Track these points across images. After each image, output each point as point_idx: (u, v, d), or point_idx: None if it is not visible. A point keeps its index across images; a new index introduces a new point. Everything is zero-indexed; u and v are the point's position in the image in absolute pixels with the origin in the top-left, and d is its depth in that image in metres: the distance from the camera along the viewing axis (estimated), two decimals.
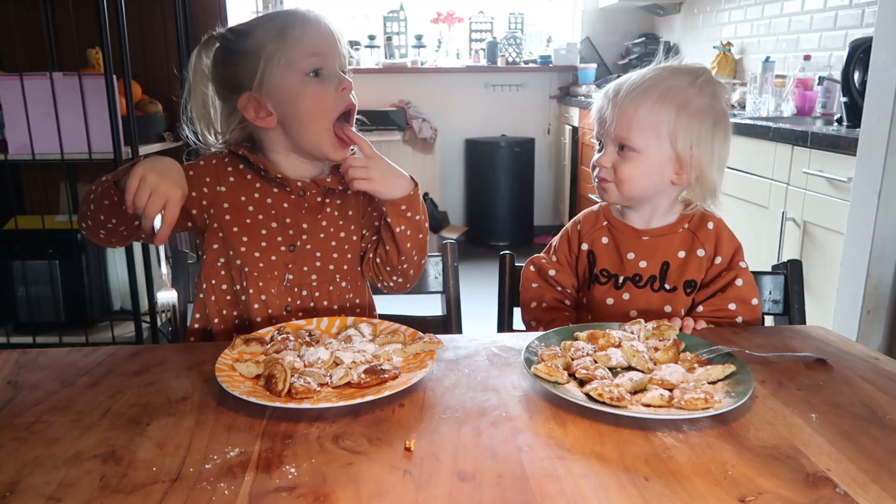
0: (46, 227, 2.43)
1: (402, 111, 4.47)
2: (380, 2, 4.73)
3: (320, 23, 1.08)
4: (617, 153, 1.12)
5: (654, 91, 1.09)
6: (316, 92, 1.07)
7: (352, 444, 0.72)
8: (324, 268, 1.15)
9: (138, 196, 0.93)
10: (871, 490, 0.63)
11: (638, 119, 1.09)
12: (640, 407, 0.77)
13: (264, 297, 1.12)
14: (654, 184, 1.12)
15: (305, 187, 1.13)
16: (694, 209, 1.16)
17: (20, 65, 2.42)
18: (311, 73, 1.06)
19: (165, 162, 0.98)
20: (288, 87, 1.06)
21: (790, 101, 2.84)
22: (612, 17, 4.69)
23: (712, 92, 1.11)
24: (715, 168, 1.12)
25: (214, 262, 1.14)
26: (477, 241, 4.68)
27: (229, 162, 1.15)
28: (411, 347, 0.92)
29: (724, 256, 1.14)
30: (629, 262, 1.16)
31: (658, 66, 1.13)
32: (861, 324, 1.83)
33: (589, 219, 1.22)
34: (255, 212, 1.12)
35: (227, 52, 1.10)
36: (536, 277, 1.25)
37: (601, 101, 1.15)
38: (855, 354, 0.96)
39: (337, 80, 1.08)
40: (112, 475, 0.66)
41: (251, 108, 1.08)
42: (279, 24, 1.06)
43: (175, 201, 0.95)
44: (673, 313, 1.14)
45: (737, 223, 1.18)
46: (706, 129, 1.10)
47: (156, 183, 0.93)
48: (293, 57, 1.05)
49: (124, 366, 0.92)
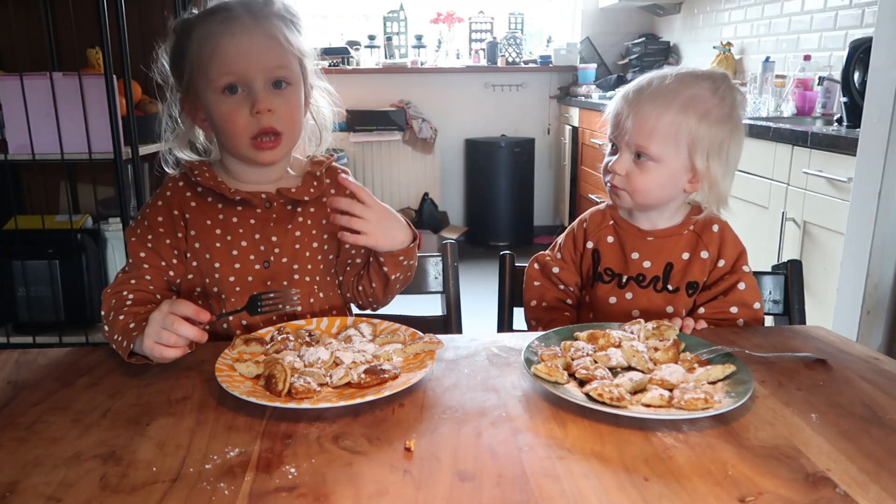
0: (46, 227, 2.43)
1: (402, 111, 4.47)
2: (380, 2, 4.73)
3: (251, 33, 1.00)
4: (633, 161, 1.10)
5: (676, 100, 1.07)
6: (229, 111, 1.01)
7: (352, 444, 0.72)
8: (302, 280, 1.11)
9: (167, 354, 0.87)
10: (871, 490, 0.63)
11: (660, 129, 1.07)
12: (640, 407, 0.77)
13: (245, 323, 1.07)
14: (668, 193, 1.12)
15: (271, 198, 1.09)
16: (703, 214, 1.15)
17: (20, 65, 2.41)
18: (226, 90, 1.00)
19: (159, 312, 0.89)
20: (207, 100, 1.02)
21: (790, 102, 2.84)
22: (612, 17, 4.69)
23: (732, 101, 1.10)
24: (728, 176, 1.12)
25: (190, 294, 1.10)
26: (477, 241, 4.68)
27: (186, 186, 1.10)
28: (411, 347, 0.92)
29: (727, 260, 1.14)
30: (633, 262, 1.16)
31: (679, 71, 1.10)
32: (861, 324, 1.83)
33: (595, 217, 1.22)
34: (222, 234, 1.07)
35: (174, 47, 1.06)
36: (539, 275, 1.25)
37: (619, 105, 1.12)
38: (855, 354, 0.96)
39: (251, 101, 1.00)
40: (112, 475, 0.66)
41: (190, 111, 1.06)
42: (210, 27, 1.00)
43: (182, 307, 0.88)
44: (674, 314, 1.14)
45: (737, 223, 1.18)
46: (724, 138, 1.08)
47: (168, 335, 0.87)
48: (210, 72, 1.00)
49: (124, 366, 0.92)
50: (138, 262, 1.05)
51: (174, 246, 1.07)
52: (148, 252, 1.06)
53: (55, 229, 2.47)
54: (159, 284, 1.06)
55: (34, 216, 2.52)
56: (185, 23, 1.05)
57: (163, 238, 1.07)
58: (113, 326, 0.95)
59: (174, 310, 0.87)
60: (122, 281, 1.04)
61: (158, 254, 1.06)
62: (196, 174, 1.07)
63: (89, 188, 2.72)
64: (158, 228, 1.07)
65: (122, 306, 0.99)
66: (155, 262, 1.06)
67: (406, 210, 4.53)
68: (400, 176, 4.53)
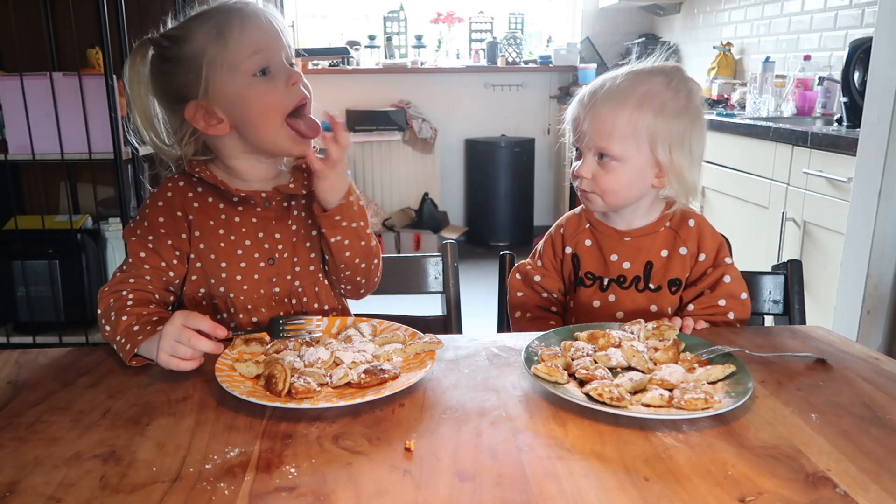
0: (46, 227, 2.43)
1: (402, 111, 4.47)
2: (380, 2, 4.73)
3: (259, 17, 1.02)
4: (597, 163, 1.10)
5: (630, 98, 1.07)
6: (265, 91, 1.01)
7: (352, 444, 0.72)
8: (304, 271, 1.12)
9: (183, 367, 0.87)
10: (871, 490, 0.63)
11: (618, 128, 1.07)
12: (640, 407, 0.77)
13: (255, 319, 1.09)
14: (637, 190, 1.12)
15: (270, 197, 1.09)
16: (675, 208, 1.16)
17: (20, 65, 2.41)
18: (257, 72, 1.01)
19: (172, 325, 0.88)
20: (235, 90, 1.01)
21: (790, 102, 2.84)
22: (612, 17, 4.69)
23: (687, 91, 1.10)
24: (694, 167, 1.11)
25: (194, 296, 1.10)
26: (477, 241, 4.68)
27: (186, 186, 1.10)
28: (411, 347, 0.92)
29: (707, 253, 1.14)
30: (613, 264, 1.16)
31: (631, 70, 1.11)
32: (861, 324, 1.83)
33: (571, 222, 1.22)
34: (226, 234, 1.08)
35: (164, 59, 1.04)
36: (521, 285, 1.25)
37: (576, 109, 1.12)
38: (855, 354, 0.96)
39: (285, 75, 1.02)
40: (112, 475, 0.66)
41: (200, 118, 1.03)
42: (216, 24, 1.00)
43: (198, 322, 0.88)
44: (659, 312, 1.14)
45: (737, 223, 1.18)
46: (684, 130, 1.09)
47: (185, 349, 0.86)
48: (236, 59, 0.99)
49: (124, 366, 0.92)
50: (138, 262, 1.05)
51: (175, 247, 1.07)
52: (148, 252, 1.06)
53: (55, 229, 2.47)
54: (158, 285, 1.06)
55: (34, 216, 2.52)
56: (169, 37, 1.03)
57: (164, 239, 1.06)
58: (115, 327, 0.95)
59: (189, 323, 0.87)
60: (120, 280, 1.04)
61: (159, 254, 1.06)
62: (198, 172, 1.07)
63: (89, 188, 2.72)
64: (159, 229, 1.07)
65: (123, 306, 0.99)
66: (155, 262, 1.06)
67: (406, 210, 4.53)
68: (400, 176, 4.53)
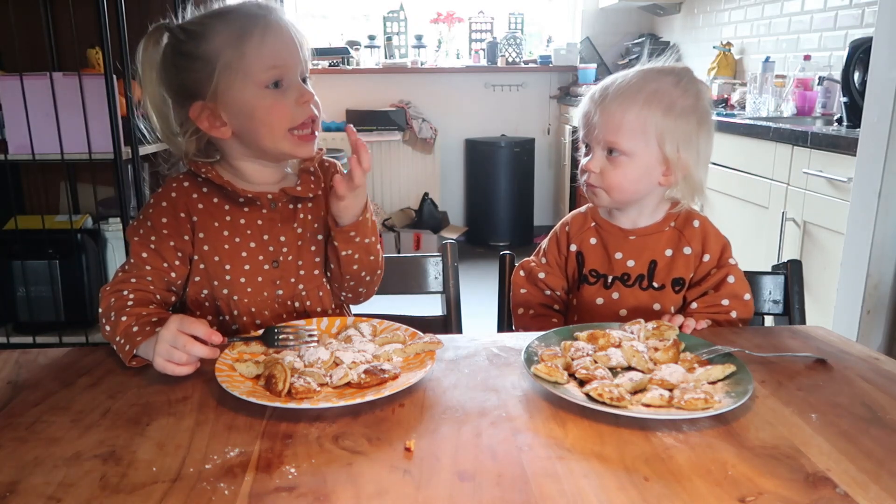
0: (46, 227, 2.43)
1: (402, 111, 4.47)
2: (380, 2, 4.73)
3: (282, 29, 1.01)
4: (606, 158, 1.12)
5: (640, 94, 1.09)
6: (274, 104, 1.01)
7: (352, 444, 0.72)
8: (308, 275, 1.12)
9: (178, 372, 0.86)
10: (871, 490, 0.63)
11: (627, 123, 1.09)
12: (640, 407, 0.77)
13: (259, 322, 1.08)
14: (644, 186, 1.13)
15: (276, 198, 1.09)
16: (680, 208, 1.17)
17: (20, 65, 2.41)
18: (270, 84, 1.00)
19: (168, 330, 0.88)
20: (244, 98, 1.00)
21: (790, 101, 2.84)
22: (612, 17, 4.69)
23: (696, 92, 1.12)
24: (700, 166, 1.13)
25: (197, 297, 1.09)
26: (477, 241, 4.68)
27: (191, 187, 1.09)
28: (411, 347, 0.92)
29: (712, 254, 1.15)
30: (617, 262, 1.17)
31: (642, 68, 1.13)
32: (861, 324, 1.83)
33: (577, 220, 1.23)
34: (230, 235, 1.08)
35: (178, 53, 1.02)
36: (525, 282, 1.26)
37: (587, 105, 1.15)
38: (855, 354, 0.96)
39: (297, 92, 1.02)
40: (112, 475, 0.66)
41: (205, 118, 1.02)
42: (237, 28, 0.99)
43: (194, 327, 0.87)
44: (662, 311, 1.15)
45: (737, 223, 1.19)
46: (692, 130, 1.11)
47: (180, 354, 0.86)
48: (251, 68, 0.99)
49: (124, 366, 0.92)
50: (140, 262, 1.05)
51: (178, 248, 1.07)
52: (150, 252, 1.05)
53: (55, 229, 2.47)
54: (159, 285, 1.06)
55: (34, 216, 2.52)
56: (186, 31, 1.02)
57: (166, 240, 1.06)
58: (115, 327, 0.95)
59: (185, 329, 0.87)
60: (121, 280, 1.04)
61: (161, 255, 1.06)
62: (204, 172, 1.07)
63: (89, 188, 2.72)
64: (162, 230, 1.06)
65: (123, 307, 0.99)
66: (157, 263, 1.05)
67: (406, 210, 4.53)
68: (400, 176, 4.53)
